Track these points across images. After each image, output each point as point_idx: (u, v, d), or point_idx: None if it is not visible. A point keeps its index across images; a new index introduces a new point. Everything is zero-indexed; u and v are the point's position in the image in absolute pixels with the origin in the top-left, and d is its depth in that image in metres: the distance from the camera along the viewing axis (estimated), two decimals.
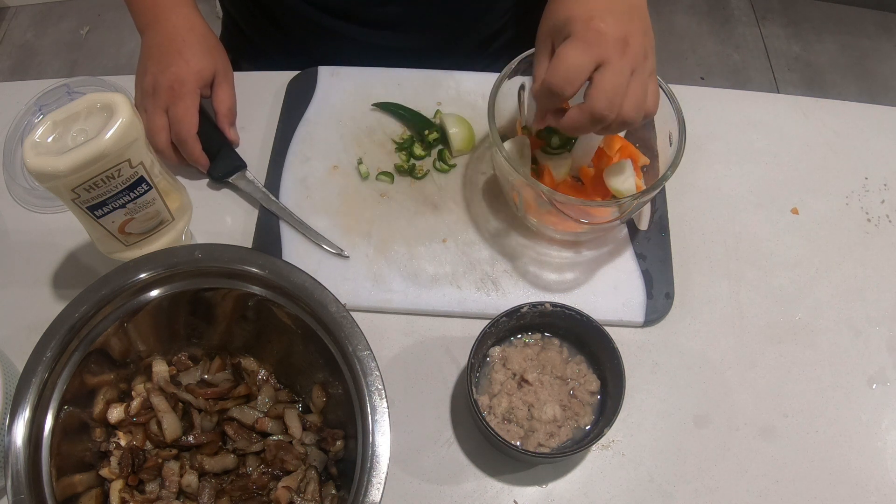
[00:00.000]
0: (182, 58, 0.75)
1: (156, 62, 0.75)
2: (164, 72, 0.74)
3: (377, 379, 0.53)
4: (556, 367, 0.64)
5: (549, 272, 0.72)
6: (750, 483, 0.62)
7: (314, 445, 0.60)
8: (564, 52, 0.58)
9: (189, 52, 0.75)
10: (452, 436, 0.64)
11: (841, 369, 0.68)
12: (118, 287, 0.57)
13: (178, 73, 0.74)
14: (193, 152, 0.75)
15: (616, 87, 0.58)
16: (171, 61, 0.74)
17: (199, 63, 0.76)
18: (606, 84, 0.57)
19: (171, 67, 0.74)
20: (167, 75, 0.74)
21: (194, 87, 0.75)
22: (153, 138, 0.74)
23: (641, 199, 0.64)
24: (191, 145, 0.75)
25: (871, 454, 0.64)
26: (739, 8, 2.21)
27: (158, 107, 0.74)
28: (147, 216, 0.63)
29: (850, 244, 0.75)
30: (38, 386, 0.52)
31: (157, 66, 0.75)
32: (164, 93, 0.74)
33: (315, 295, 0.57)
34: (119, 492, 0.57)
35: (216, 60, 0.78)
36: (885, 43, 2.13)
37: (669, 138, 0.67)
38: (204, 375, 0.64)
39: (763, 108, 0.84)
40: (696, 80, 2.04)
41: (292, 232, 0.73)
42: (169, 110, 0.74)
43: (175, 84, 0.74)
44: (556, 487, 0.62)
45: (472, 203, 0.75)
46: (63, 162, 0.53)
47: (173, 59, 0.75)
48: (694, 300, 0.71)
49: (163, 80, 0.74)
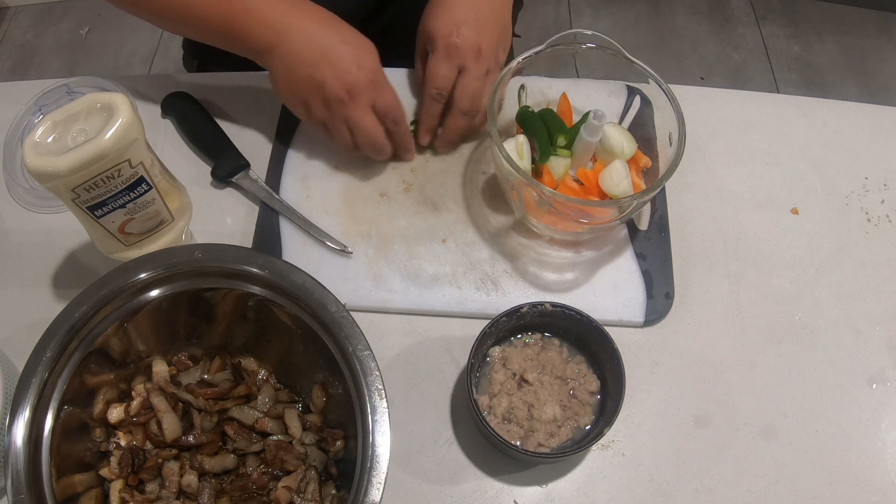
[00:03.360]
0: (356, 48, 0.69)
1: (328, 66, 0.67)
2: (348, 71, 0.68)
3: (377, 379, 0.53)
4: (556, 367, 0.64)
5: (549, 272, 0.72)
6: (750, 483, 0.62)
7: (314, 445, 0.60)
8: (433, 66, 0.72)
9: (356, 41, 0.70)
10: (452, 436, 0.64)
11: (841, 369, 0.68)
12: (118, 287, 0.57)
13: (367, 63, 0.69)
14: (408, 134, 0.75)
15: (475, 88, 0.72)
16: (347, 58, 0.68)
17: (371, 46, 0.71)
18: (467, 87, 0.72)
19: (355, 63, 0.68)
20: (358, 70, 0.68)
21: (381, 68, 0.71)
22: (373, 138, 0.71)
23: (641, 199, 0.64)
24: (406, 127, 0.74)
25: (871, 454, 0.64)
26: (739, 8, 2.21)
27: (363, 106, 0.69)
28: (147, 216, 0.63)
29: (850, 244, 0.75)
30: (38, 386, 0.52)
31: (335, 70, 0.67)
32: (367, 88, 0.69)
33: (315, 295, 0.57)
34: (119, 492, 0.57)
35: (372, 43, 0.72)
36: (885, 43, 2.13)
37: (669, 138, 0.67)
38: (204, 375, 0.64)
39: (763, 108, 0.84)
40: (696, 80, 2.04)
41: (293, 232, 0.73)
42: (377, 103, 0.70)
43: (372, 75, 0.69)
44: (556, 487, 0.62)
45: (472, 203, 0.75)
46: (63, 162, 0.53)
47: (348, 53, 0.68)
48: (694, 300, 0.71)
49: (356, 77, 0.68)
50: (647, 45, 2.13)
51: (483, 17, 0.72)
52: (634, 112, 0.73)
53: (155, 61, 2.10)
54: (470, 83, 0.72)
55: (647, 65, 0.69)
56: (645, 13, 2.20)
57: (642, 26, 2.18)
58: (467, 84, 0.72)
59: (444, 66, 0.72)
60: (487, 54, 0.72)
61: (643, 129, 0.72)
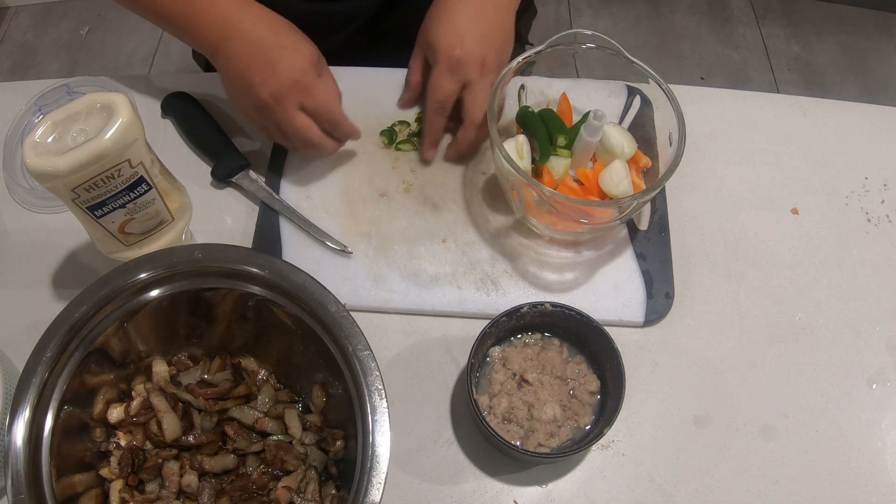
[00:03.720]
0: (287, 50, 0.69)
1: (258, 71, 0.68)
2: (276, 73, 0.68)
3: (377, 379, 0.53)
4: (556, 367, 0.64)
5: (549, 272, 0.72)
6: (750, 483, 0.62)
7: (314, 445, 0.60)
8: (436, 80, 0.72)
9: (290, 42, 0.70)
10: (452, 436, 0.64)
11: (841, 369, 0.68)
12: (118, 287, 0.57)
13: (293, 66, 0.68)
14: (349, 128, 0.73)
15: (483, 100, 0.72)
16: (278, 60, 0.68)
17: (306, 47, 0.70)
18: (477, 100, 0.72)
19: (280, 64, 0.68)
20: (283, 74, 0.68)
21: (314, 71, 0.70)
22: (306, 137, 0.71)
23: (641, 199, 0.64)
24: (344, 122, 0.72)
25: (871, 454, 0.64)
26: (739, 8, 2.21)
27: (292, 108, 0.69)
28: (147, 216, 0.63)
29: (850, 244, 0.75)
30: (38, 386, 0.52)
31: (263, 74, 0.68)
32: (292, 91, 0.68)
33: (315, 295, 0.57)
34: (119, 492, 0.57)
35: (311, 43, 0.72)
36: (885, 43, 2.13)
37: (669, 138, 0.67)
38: (204, 375, 0.64)
39: (763, 108, 0.84)
40: (696, 80, 2.04)
41: (293, 231, 0.73)
42: (305, 104, 0.69)
43: (297, 76, 0.68)
44: (556, 487, 0.62)
45: (472, 203, 0.75)
46: (63, 162, 0.53)
47: (278, 56, 0.68)
48: (694, 300, 0.71)
49: (281, 80, 0.68)
50: (647, 45, 2.13)
51: (486, 28, 0.72)
52: (634, 112, 0.73)
53: (155, 61, 2.10)
54: (478, 95, 0.72)
55: (647, 65, 0.69)
56: (645, 13, 2.20)
57: (642, 26, 2.18)
58: (476, 97, 0.72)
59: (447, 79, 0.72)
60: (492, 67, 0.72)
61: (643, 129, 0.72)
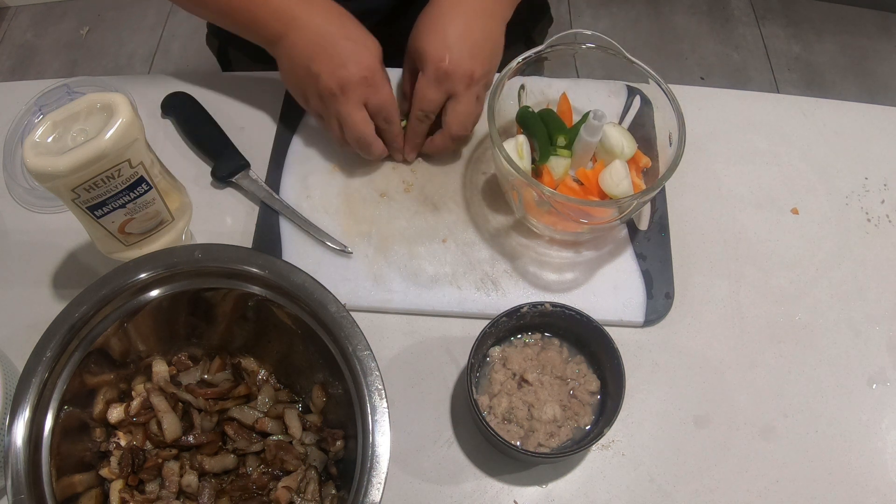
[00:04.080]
0: (357, 45, 0.70)
1: (325, 61, 0.68)
2: (345, 66, 0.68)
3: (377, 379, 0.53)
4: (556, 367, 0.64)
5: (549, 272, 0.72)
6: (750, 483, 0.62)
7: (314, 445, 0.60)
8: (422, 89, 0.71)
9: (358, 37, 0.70)
10: (452, 436, 0.64)
11: (841, 369, 0.68)
12: (118, 287, 0.57)
13: (363, 61, 0.69)
14: (400, 134, 0.74)
15: (466, 114, 0.72)
16: (348, 54, 0.68)
17: (373, 44, 0.71)
18: (459, 114, 0.72)
19: (351, 59, 0.68)
20: (353, 68, 0.68)
21: (382, 70, 0.71)
22: (361, 133, 0.71)
23: (641, 199, 0.64)
24: (398, 127, 0.74)
25: (871, 454, 0.64)
26: (739, 8, 2.21)
27: (355, 102, 0.70)
28: (147, 216, 0.63)
29: (850, 244, 0.75)
30: (38, 386, 0.52)
31: (331, 65, 0.68)
32: (358, 86, 0.69)
33: (315, 295, 0.57)
34: (119, 492, 0.57)
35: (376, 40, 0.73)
36: (885, 43, 2.13)
37: (669, 138, 0.67)
38: (204, 375, 0.64)
39: (763, 108, 0.84)
40: (696, 80, 2.04)
41: (293, 232, 0.73)
42: (369, 100, 0.70)
43: (366, 73, 0.69)
44: (556, 487, 0.62)
45: (472, 203, 0.75)
46: (63, 162, 0.53)
47: (346, 50, 0.69)
48: (694, 300, 0.71)
49: (350, 73, 0.68)
50: (647, 45, 2.13)
51: (475, 39, 0.70)
52: (634, 112, 0.73)
53: (155, 61, 2.10)
54: (461, 109, 0.71)
55: (647, 65, 0.69)
56: (645, 13, 2.21)
57: (642, 26, 2.18)
58: (459, 111, 0.71)
59: (432, 90, 0.70)
60: (478, 79, 0.71)
61: (643, 129, 0.72)
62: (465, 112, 0.72)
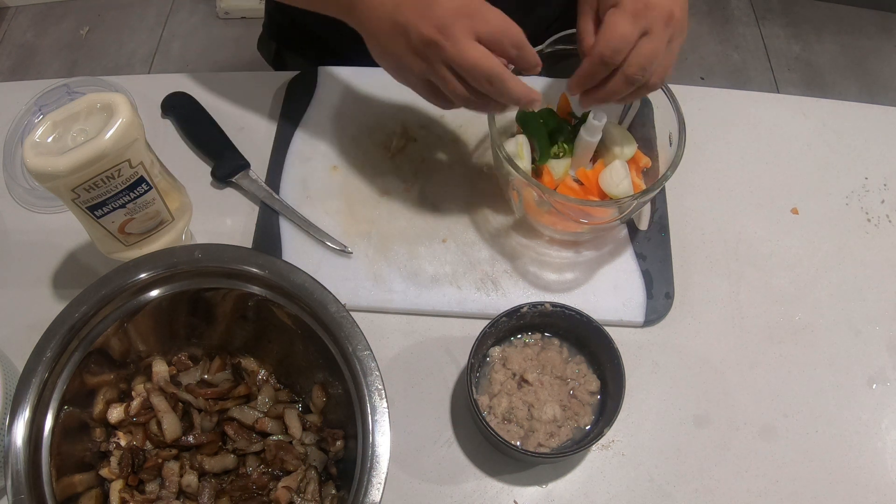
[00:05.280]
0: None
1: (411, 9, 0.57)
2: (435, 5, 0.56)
3: (377, 379, 0.53)
4: (556, 367, 0.64)
5: (549, 272, 0.72)
6: (750, 483, 0.62)
7: (314, 445, 0.60)
8: (614, 22, 0.58)
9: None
10: (452, 436, 0.64)
11: (841, 369, 0.68)
12: (118, 287, 0.57)
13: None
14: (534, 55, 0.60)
15: (654, 55, 0.60)
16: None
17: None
18: (647, 52, 0.59)
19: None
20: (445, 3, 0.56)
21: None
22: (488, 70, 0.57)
23: (641, 199, 0.64)
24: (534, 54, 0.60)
25: (871, 454, 0.64)
26: (739, 8, 2.21)
27: (465, 37, 0.56)
28: (147, 216, 0.63)
29: (850, 244, 0.75)
30: (38, 386, 0.52)
31: (419, 10, 0.57)
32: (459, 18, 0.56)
33: (315, 295, 0.57)
34: (119, 492, 0.57)
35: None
36: (885, 43, 2.13)
37: (669, 138, 0.67)
38: (204, 375, 0.64)
39: (763, 108, 0.84)
40: (696, 80, 2.04)
41: (292, 232, 0.73)
42: (479, 30, 0.57)
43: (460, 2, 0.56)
44: (556, 487, 0.62)
45: (471, 203, 0.75)
46: (63, 162, 0.53)
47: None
48: (694, 300, 0.71)
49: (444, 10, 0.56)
50: None
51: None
52: (634, 112, 0.73)
53: (155, 61, 2.10)
54: (651, 47, 0.59)
55: None
56: None
57: None
58: (648, 48, 0.59)
59: (627, 22, 0.58)
60: (679, 23, 0.60)
61: (643, 129, 0.72)
62: (653, 53, 0.59)
